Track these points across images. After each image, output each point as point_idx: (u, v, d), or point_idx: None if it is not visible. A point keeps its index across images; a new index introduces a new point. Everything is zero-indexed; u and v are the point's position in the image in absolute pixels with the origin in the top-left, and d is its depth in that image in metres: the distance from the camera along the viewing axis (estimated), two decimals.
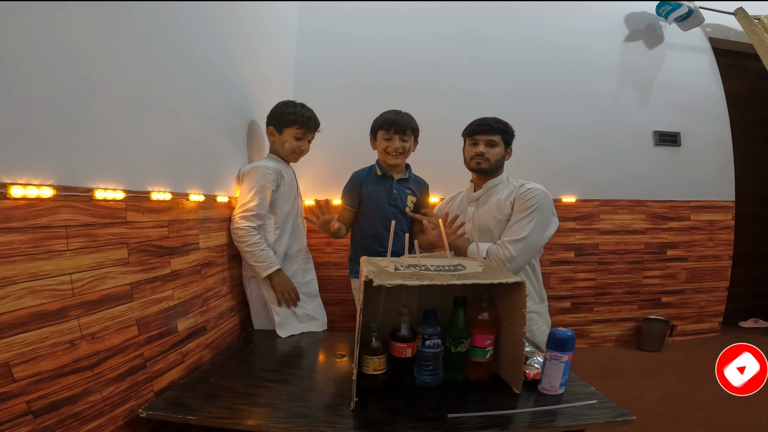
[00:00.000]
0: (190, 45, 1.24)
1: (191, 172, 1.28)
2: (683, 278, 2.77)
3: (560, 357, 0.97)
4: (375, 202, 1.67)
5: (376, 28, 2.53)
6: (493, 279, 0.93)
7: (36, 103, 0.74)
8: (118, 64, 0.93)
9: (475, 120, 1.53)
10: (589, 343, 2.70)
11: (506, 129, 1.49)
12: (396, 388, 1.01)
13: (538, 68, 2.61)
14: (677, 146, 2.74)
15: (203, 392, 1.02)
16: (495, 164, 1.49)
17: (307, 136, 1.62)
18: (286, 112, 1.57)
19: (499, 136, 1.48)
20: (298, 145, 1.60)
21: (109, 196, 0.91)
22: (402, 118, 1.62)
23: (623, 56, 2.71)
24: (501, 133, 1.48)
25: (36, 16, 0.72)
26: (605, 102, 2.68)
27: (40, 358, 0.74)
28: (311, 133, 1.64)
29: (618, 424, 0.88)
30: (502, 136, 1.49)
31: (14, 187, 0.69)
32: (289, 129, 1.57)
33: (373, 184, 1.68)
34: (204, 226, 1.33)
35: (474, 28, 2.59)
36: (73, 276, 0.81)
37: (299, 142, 1.60)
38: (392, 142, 1.61)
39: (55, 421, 0.76)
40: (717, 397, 1.92)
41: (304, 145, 1.62)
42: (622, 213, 2.68)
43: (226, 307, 1.48)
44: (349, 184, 1.73)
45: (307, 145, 1.64)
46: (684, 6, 2.54)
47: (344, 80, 2.46)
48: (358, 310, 0.92)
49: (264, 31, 1.94)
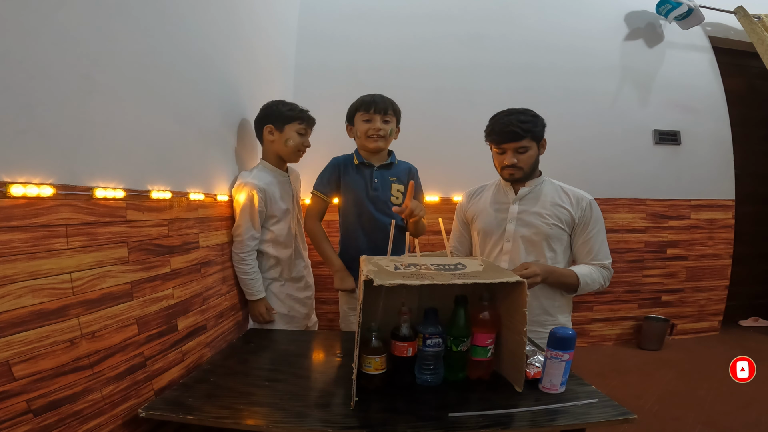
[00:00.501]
0: (190, 44, 1.24)
1: (191, 171, 1.28)
2: (683, 277, 2.78)
3: (561, 356, 0.97)
4: (354, 194, 1.54)
5: (376, 29, 2.52)
6: (494, 278, 0.93)
7: (36, 102, 0.73)
8: (118, 62, 0.93)
9: (496, 123, 1.36)
10: (590, 342, 2.70)
11: (534, 128, 1.33)
12: (396, 388, 1.01)
13: (538, 68, 2.61)
14: (677, 145, 2.74)
15: (203, 392, 1.01)
16: (530, 169, 1.37)
17: (308, 132, 1.58)
18: (284, 108, 1.54)
19: (529, 138, 1.33)
20: (302, 141, 1.56)
21: (109, 195, 0.90)
22: (381, 98, 1.52)
23: (623, 55, 2.71)
24: (530, 134, 1.33)
25: (36, 14, 0.72)
26: (605, 101, 2.68)
27: (40, 356, 0.74)
28: (311, 128, 1.60)
29: (619, 422, 0.87)
30: (532, 136, 1.33)
31: (14, 185, 0.69)
32: (291, 125, 1.53)
33: (351, 174, 1.56)
34: (204, 225, 1.33)
35: (474, 29, 2.59)
36: (73, 275, 0.81)
37: (303, 138, 1.56)
38: (373, 122, 1.49)
39: (54, 420, 0.76)
40: (717, 396, 1.92)
41: (307, 141, 1.59)
42: (622, 212, 2.68)
43: (226, 305, 1.48)
44: (327, 169, 1.60)
45: (308, 141, 1.60)
46: (684, 5, 2.54)
47: (344, 81, 2.44)
48: (359, 310, 0.92)
49: (263, 30, 1.94)
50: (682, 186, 2.75)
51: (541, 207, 1.38)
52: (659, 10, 2.65)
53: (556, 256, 1.38)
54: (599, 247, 1.37)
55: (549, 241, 1.37)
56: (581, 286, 1.32)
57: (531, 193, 1.41)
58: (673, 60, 2.75)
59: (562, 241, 1.39)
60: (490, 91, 2.53)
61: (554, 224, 1.36)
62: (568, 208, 1.38)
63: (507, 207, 1.42)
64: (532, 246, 1.38)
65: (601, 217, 1.39)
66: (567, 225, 1.38)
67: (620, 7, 2.73)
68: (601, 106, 2.67)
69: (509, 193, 1.43)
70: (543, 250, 1.37)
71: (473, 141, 1.56)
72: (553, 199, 1.39)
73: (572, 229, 1.39)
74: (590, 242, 1.37)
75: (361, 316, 0.91)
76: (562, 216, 1.37)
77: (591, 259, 1.37)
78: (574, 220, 1.38)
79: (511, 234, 1.39)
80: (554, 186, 1.43)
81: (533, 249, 1.38)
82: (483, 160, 1.59)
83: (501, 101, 2.65)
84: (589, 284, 1.33)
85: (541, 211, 1.38)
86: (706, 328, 2.84)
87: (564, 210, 1.38)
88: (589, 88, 2.66)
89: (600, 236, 1.38)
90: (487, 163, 1.51)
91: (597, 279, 1.34)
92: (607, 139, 2.66)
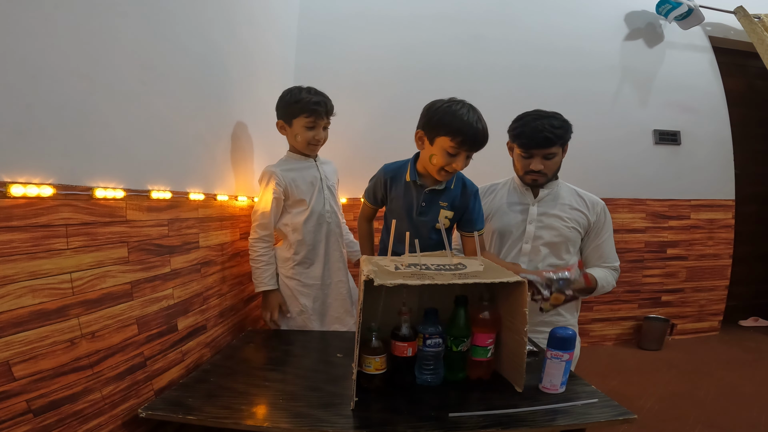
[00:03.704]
0: (189, 44, 1.24)
1: (191, 170, 1.28)
2: (683, 277, 2.78)
3: (561, 356, 0.97)
4: (397, 212, 1.32)
5: (376, 31, 2.52)
6: (494, 278, 0.93)
7: (36, 102, 0.73)
8: (118, 62, 0.93)
9: (526, 126, 1.30)
10: (590, 342, 2.70)
11: (565, 134, 1.29)
12: (396, 388, 1.01)
13: (538, 69, 2.61)
14: (677, 145, 2.74)
15: (203, 392, 1.01)
16: (553, 176, 1.39)
17: (319, 124, 1.46)
18: (291, 101, 1.44)
19: (558, 144, 1.30)
20: (312, 135, 1.46)
21: (109, 195, 0.90)
22: (483, 135, 1.17)
23: (623, 56, 2.71)
24: (560, 141, 1.30)
25: (36, 14, 0.72)
26: (605, 101, 2.68)
27: (40, 356, 0.74)
28: (324, 119, 1.47)
29: (619, 422, 0.87)
30: (561, 143, 1.31)
31: (14, 185, 0.69)
32: (297, 120, 1.44)
33: (398, 189, 1.31)
34: (204, 225, 1.33)
35: (473, 30, 2.59)
36: (73, 275, 0.81)
37: (312, 132, 1.46)
38: (458, 158, 1.18)
39: (54, 420, 0.76)
40: (717, 396, 1.92)
41: (319, 133, 1.48)
42: (622, 212, 2.68)
43: (226, 305, 1.48)
44: (378, 180, 1.37)
45: (322, 132, 1.49)
46: (684, 5, 2.54)
47: (345, 82, 2.45)
48: (358, 310, 0.92)
49: (262, 31, 1.94)
50: (682, 186, 2.75)
51: (560, 210, 1.39)
52: (659, 10, 2.65)
53: (571, 258, 1.40)
54: (609, 250, 1.41)
55: (568, 244, 1.39)
56: (597, 289, 1.34)
57: (549, 195, 1.42)
58: (673, 60, 2.75)
59: (577, 244, 1.41)
60: (490, 92, 2.52)
61: (573, 227, 1.38)
62: (585, 212, 1.40)
63: (527, 208, 1.42)
64: (553, 248, 1.38)
65: (611, 222, 1.42)
66: (583, 228, 1.40)
67: (620, 7, 2.73)
68: (601, 107, 2.67)
69: (527, 195, 1.43)
70: (561, 253, 1.39)
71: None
72: (570, 203, 1.41)
73: (586, 233, 1.41)
74: (602, 247, 1.40)
75: (361, 316, 0.91)
76: (580, 220, 1.39)
77: (602, 262, 1.40)
78: (590, 224, 1.40)
79: (530, 236, 1.39)
80: (569, 189, 1.44)
81: (553, 251, 1.39)
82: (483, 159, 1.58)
83: (501, 102, 2.65)
84: (604, 287, 1.35)
85: (560, 214, 1.39)
86: (706, 328, 2.84)
87: (581, 214, 1.40)
88: (589, 89, 2.66)
89: (611, 241, 1.41)
90: (486, 163, 1.50)
91: (611, 282, 1.37)
92: (607, 139, 2.66)
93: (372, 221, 1.49)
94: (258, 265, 1.48)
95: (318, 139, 1.49)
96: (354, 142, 2.39)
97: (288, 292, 1.54)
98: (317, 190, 1.52)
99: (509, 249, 1.43)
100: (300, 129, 1.46)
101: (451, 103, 1.20)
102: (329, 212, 1.55)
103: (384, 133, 2.42)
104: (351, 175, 1.73)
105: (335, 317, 1.60)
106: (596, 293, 1.36)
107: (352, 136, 2.40)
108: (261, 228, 1.47)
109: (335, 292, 1.59)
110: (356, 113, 2.42)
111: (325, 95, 1.49)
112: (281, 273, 1.54)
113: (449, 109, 1.17)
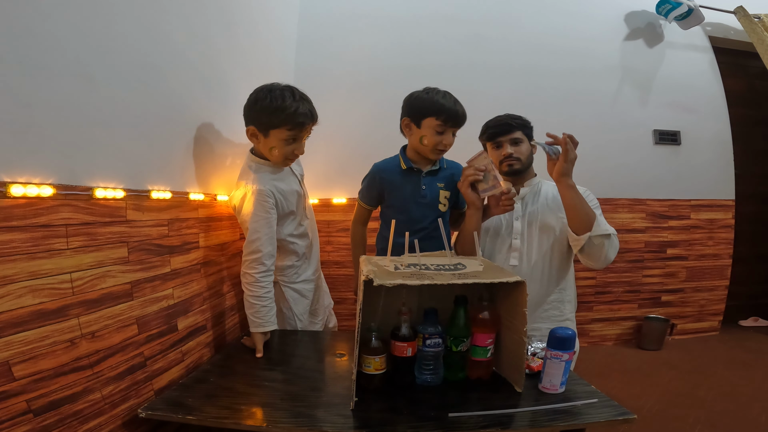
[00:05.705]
0: (189, 44, 1.24)
1: (191, 170, 1.28)
2: (683, 277, 2.77)
3: (561, 356, 0.97)
4: (401, 200, 1.39)
5: (375, 31, 2.51)
6: (494, 278, 0.93)
7: (36, 102, 0.73)
8: (118, 62, 0.93)
9: (489, 122, 1.45)
10: (590, 341, 2.70)
11: (525, 123, 1.43)
12: (396, 388, 1.01)
13: (538, 69, 2.61)
14: (677, 145, 2.74)
15: (203, 392, 1.01)
16: (527, 161, 1.43)
17: (302, 136, 1.28)
18: (271, 108, 1.21)
19: (521, 131, 1.41)
20: (291, 149, 1.27)
21: (109, 195, 0.91)
22: (463, 112, 1.32)
23: (623, 55, 2.71)
24: (522, 128, 1.41)
25: (36, 14, 0.72)
26: (605, 101, 2.68)
27: (40, 356, 0.74)
28: (308, 129, 1.29)
29: (619, 422, 0.87)
30: (524, 131, 1.42)
31: (14, 185, 0.69)
32: (277, 131, 1.23)
33: (397, 180, 1.39)
34: (204, 225, 1.33)
35: (473, 30, 2.58)
36: (73, 275, 0.81)
37: (292, 146, 1.26)
38: (445, 136, 1.30)
39: (54, 420, 0.76)
40: (717, 396, 1.92)
41: (300, 147, 1.29)
42: (622, 212, 2.68)
43: (226, 305, 1.48)
44: (371, 179, 1.44)
45: (302, 146, 1.30)
46: (684, 5, 2.54)
47: (344, 82, 2.44)
48: (358, 310, 0.92)
49: (262, 32, 1.94)
50: (682, 186, 2.74)
51: (544, 200, 1.44)
52: (659, 10, 2.65)
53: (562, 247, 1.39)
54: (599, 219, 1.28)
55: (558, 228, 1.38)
56: (597, 222, 1.23)
57: (531, 191, 1.47)
58: (673, 60, 2.75)
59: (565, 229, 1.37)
60: (490, 92, 2.52)
61: (561, 217, 1.38)
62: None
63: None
64: (545, 233, 1.39)
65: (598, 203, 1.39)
66: None
67: (620, 7, 2.73)
68: (601, 107, 2.67)
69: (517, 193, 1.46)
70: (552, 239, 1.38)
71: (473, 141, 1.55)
72: (554, 194, 1.42)
73: None
74: None
75: (361, 316, 0.91)
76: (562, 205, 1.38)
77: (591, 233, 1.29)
78: None
79: (519, 231, 1.42)
80: (550, 185, 1.47)
81: (545, 236, 1.39)
82: None
83: (501, 102, 2.65)
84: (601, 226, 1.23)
85: (545, 203, 1.43)
86: (706, 328, 2.84)
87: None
88: (589, 89, 2.65)
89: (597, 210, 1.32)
90: None
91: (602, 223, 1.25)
92: (606, 139, 2.65)
93: (366, 225, 1.53)
94: (264, 303, 1.26)
95: (297, 154, 1.31)
96: (354, 142, 2.39)
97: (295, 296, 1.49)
98: (300, 196, 1.43)
99: (500, 246, 1.45)
100: (278, 142, 1.25)
101: (428, 91, 1.34)
102: (308, 209, 1.53)
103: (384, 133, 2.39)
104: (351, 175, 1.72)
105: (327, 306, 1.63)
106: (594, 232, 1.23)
107: (352, 136, 2.40)
108: (268, 257, 1.27)
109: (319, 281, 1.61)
110: (356, 113, 2.42)
111: (309, 100, 1.29)
112: (281, 281, 1.45)
113: (428, 95, 1.32)
